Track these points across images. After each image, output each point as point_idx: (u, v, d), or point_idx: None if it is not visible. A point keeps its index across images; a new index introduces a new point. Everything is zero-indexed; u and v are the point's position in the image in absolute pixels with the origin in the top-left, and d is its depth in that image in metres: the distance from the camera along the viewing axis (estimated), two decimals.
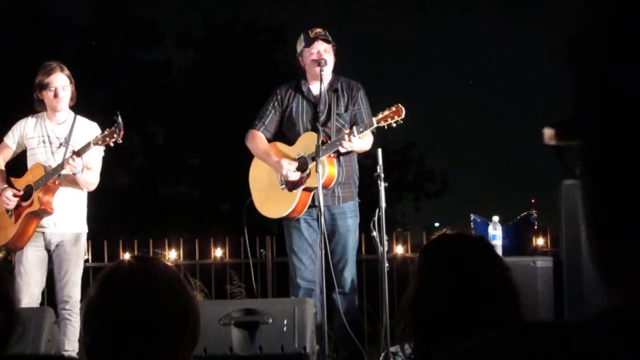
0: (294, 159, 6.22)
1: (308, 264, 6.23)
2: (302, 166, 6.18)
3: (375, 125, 6.04)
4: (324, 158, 6.00)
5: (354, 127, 6.07)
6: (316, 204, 6.12)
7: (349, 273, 6.24)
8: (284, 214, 6.21)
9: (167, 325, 2.12)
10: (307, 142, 6.19)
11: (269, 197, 6.34)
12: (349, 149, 6.08)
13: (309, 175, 6.12)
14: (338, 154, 6.17)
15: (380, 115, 6.05)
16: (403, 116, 6.03)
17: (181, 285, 2.23)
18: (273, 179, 6.30)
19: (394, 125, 6.06)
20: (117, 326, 2.11)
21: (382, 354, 5.71)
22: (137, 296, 2.15)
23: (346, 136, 5.99)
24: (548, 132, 6.33)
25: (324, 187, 6.01)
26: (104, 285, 2.21)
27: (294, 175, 6.16)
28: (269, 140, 6.41)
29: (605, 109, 0.89)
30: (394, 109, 6.05)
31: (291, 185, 6.20)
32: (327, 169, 6.04)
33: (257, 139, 6.41)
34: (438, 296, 2.39)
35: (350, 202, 6.32)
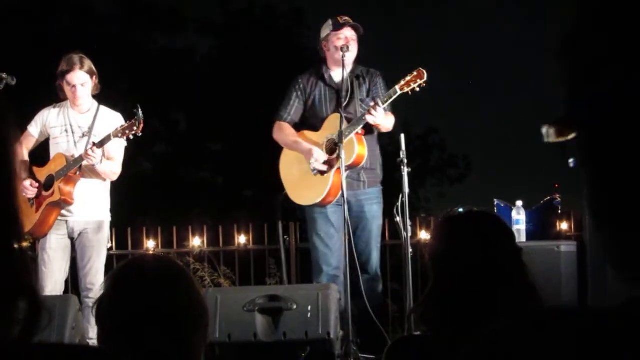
0: (322, 144, 6.19)
1: (335, 250, 6.19)
2: (332, 148, 6.14)
3: (399, 92, 5.99)
4: (353, 136, 5.97)
5: (377, 98, 6.04)
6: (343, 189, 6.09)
7: (375, 259, 6.22)
8: (319, 199, 6.14)
9: (182, 318, 2.13)
10: (333, 123, 6.15)
11: (302, 185, 6.29)
12: (375, 122, 6.01)
13: (339, 156, 6.06)
14: (365, 132, 6.12)
15: (402, 82, 6.00)
16: (426, 79, 5.98)
17: (191, 280, 2.26)
18: (304, 166, 6.25)
19: (417, 89, 5.99)
20: (132, 320, 2.11)
21: None
22: (150, 290, 2.16)
23: (371, 109, 5.95)
24: (548, 130, 6.20)
25: (355, 165, 5.98)
26: (116, 281, 2.21)
27: (322, 167, 6.12)
28: (296, 130, 6.39)
29: (601, 100, 0.89)
30: (415, 73, 6.00)
31: (323, 170, 6.17)
32: (356, 148, 6.00)
33: (285, 129, 6.39)
34: (459, 262, 2.43)
35: (374, 187, 6.29)
